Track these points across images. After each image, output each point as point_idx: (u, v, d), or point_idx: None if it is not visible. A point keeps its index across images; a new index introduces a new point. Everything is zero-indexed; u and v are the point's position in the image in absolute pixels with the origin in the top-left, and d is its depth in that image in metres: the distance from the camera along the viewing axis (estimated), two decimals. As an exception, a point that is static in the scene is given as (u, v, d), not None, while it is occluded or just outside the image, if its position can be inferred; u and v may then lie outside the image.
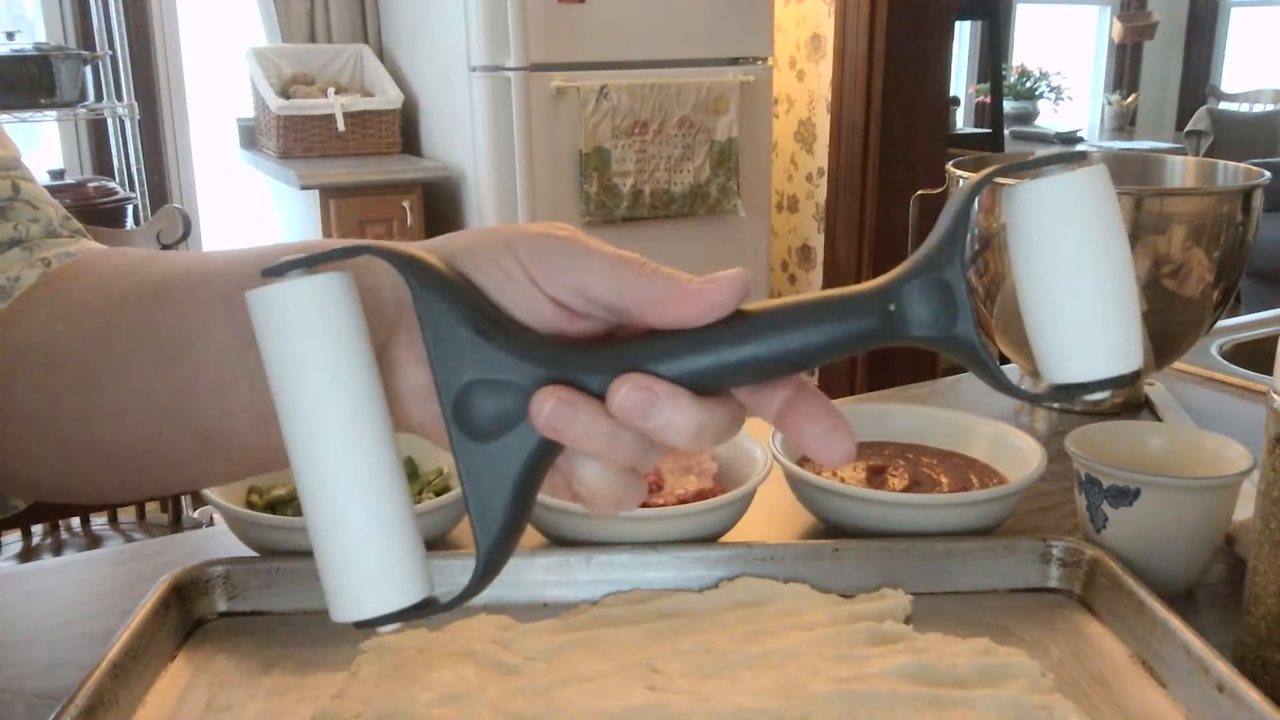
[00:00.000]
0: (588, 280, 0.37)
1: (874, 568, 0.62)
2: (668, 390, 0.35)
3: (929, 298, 0.36)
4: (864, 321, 0.36)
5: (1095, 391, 0.36)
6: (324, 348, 0.34)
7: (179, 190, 3.12)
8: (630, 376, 0.36)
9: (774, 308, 0.37)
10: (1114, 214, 0.36)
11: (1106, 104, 6.03)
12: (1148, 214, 0.86)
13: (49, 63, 2.44)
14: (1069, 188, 0.35)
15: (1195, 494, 0.62)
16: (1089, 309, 0.35)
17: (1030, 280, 0.36)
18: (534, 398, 0.36)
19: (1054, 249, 0.35)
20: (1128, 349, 0.36)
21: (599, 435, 0.36)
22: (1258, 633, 0.54)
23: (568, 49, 2.44)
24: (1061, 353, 0.36)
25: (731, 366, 0.36)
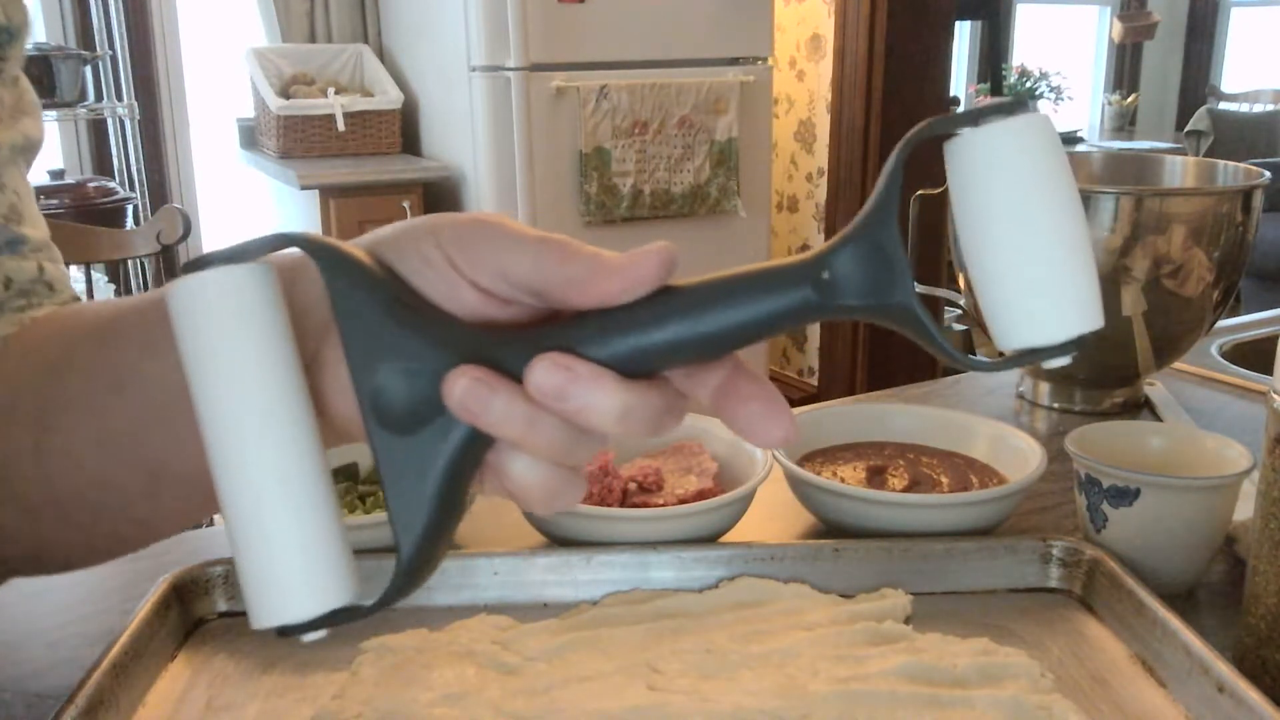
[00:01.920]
0: (509, 264, 0.36)
1: (874, 568, 0.62)
2: (589, 370, 0.34)
3: (864, 264, 0.34)
4: (798, 292, 0.34)
5: (1054, 356, 0.33)
6: (240, 338, 0.33)
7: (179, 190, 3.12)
8: (548, 355, 0.34)
9: (703, 283, 0.34)
10: (1059, 163, 0.33)
11: (1106, 104, 6.03)
12: (1148, 214, 0.86)
13: (49, 63, 2.44)
14: (1007, 136, 0.33)
15: (1195, 494, 0.62)
16: (1038, 266, 0.33)
17: (974, 239, 0.34)
18: (447, 378, 0.34)
19: (996, 203, 0.33)
20: (1082, 309, 0.33)
21: (517, 418, 0.34)
22: (1258, 633, 0.54)
23: (568, 49, 2.44)
24: (1013, 316, 0.33)
25: (660, 346, 0.34)
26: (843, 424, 0.79)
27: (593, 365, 0.34)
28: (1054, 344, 0.33)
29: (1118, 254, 0.86)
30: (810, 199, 3.21)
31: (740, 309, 0.34)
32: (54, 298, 0.56)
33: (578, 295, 0.35)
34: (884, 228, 0.34)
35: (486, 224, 0.37)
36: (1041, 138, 0.33)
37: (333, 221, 2.52)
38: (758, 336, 0.35)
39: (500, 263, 0.36)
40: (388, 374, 0.34)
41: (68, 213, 2.43)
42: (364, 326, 0.35)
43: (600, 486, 0.67)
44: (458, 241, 0.36)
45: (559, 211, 2.49)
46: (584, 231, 2.52)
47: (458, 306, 0.36)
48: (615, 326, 0.34)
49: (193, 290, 0.33)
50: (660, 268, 0.34)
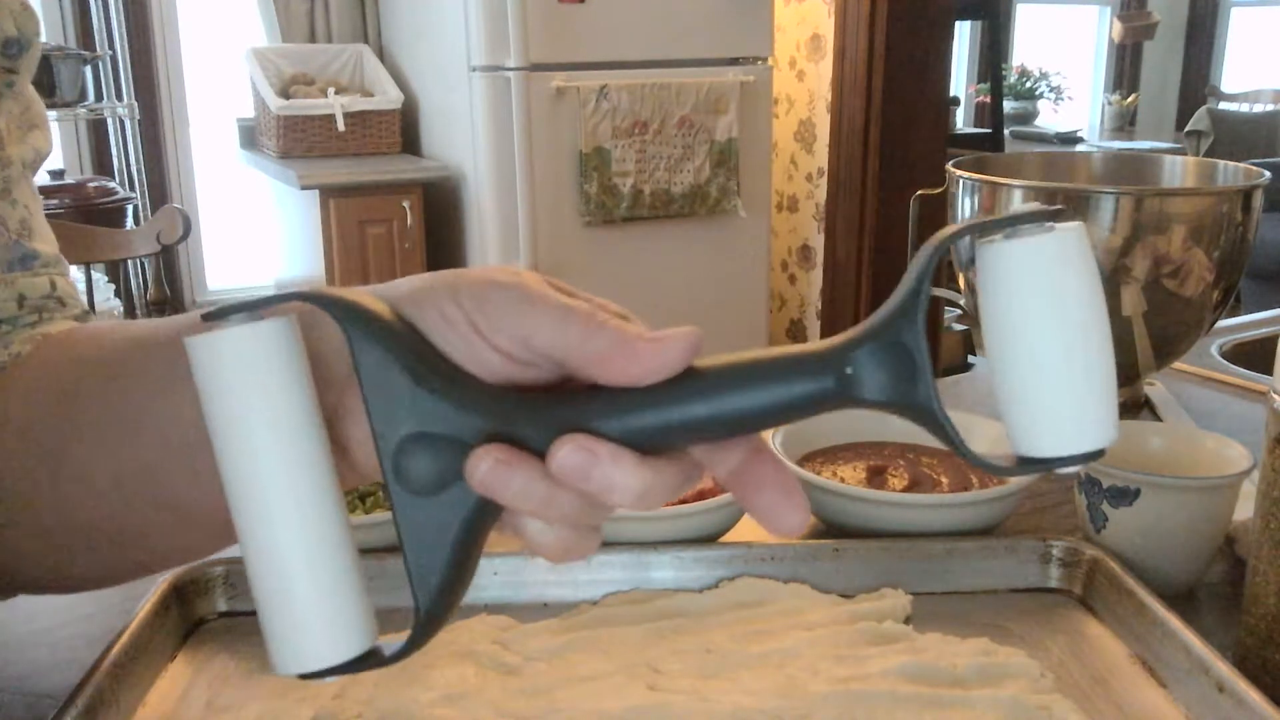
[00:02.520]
0: (531, 331, 0.35)
1: (874, 568, 0.62)
2: (610, 451, 0.34)
3: (887, 362, 0.34)
4: (819, 384, 0.34)
5: (1063, 467, 0.34)
6: (263, 395, 0.33)
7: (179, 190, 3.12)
8: (571, 437, 0.34)
9: (726, 365, 0.35)
10: (1090, 278, 0.33)
11: (1106, 104, 6.03)
12: (1148, 214, 0.86)
13: (49, 63, 2.44)
14: (1041, 251, 0.33)
15: (1195, 494, 0.62)
16: (1060, 382, 0.33)
17: (1000, 346, 0.34)
18: (470, 456, 0.34)
19: (1025, 316, 0.33)
20: (1100, 424, 0.33)
21: (536, 497, 0.34)
22: (1258, 633, 0.54)
23: (568, 49, 2.44)
24: (1030, 425, 0.34)
25: (680, 426, 0.35)
26: (843, 424, 0.79)
27: (614, 447, 0.34)
28: (1073, 455, 0.33)
29: (1118, 254, 0.86)
30: (810, 199, 3.21)
31: (761, 394, 0.34)
32: (65, 312, 0.56)
33: (600, 372, 0.35)
34: (910, 327, 0.34)
35: (506, 286, 0.36)
36: (1075, 252, 0.33)
37: (333, 221, 2.52)
38: (776, 421, 0.35)
39: (522, 328, 0.36)
40: (411, 437, 0.35)
41: (68, 213, 2.43)
42: (387, 386, 0.35)
43: (600, 486, 0.67)
44: (478, 303, 0.36)
45: (559, 211, 2.49)
46: (584, 231, 2.52)
47: (480, 367, 0.36)
48: (637, 405, 0.35)
49: (214, 348, 0.33)
50: (686, 353, 0.34)
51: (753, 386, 0.34)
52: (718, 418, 0.34)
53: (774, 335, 3.23)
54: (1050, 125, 5.69)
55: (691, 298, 2.65)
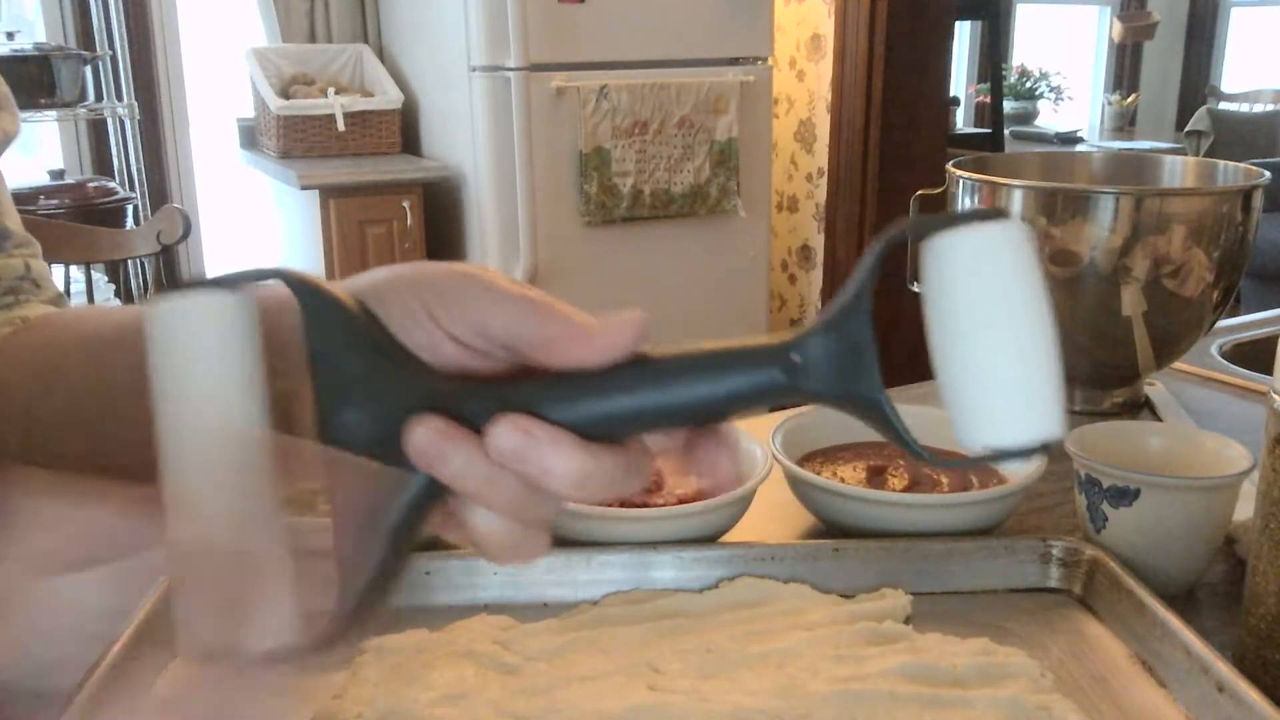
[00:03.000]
0: (487, 319, 0.36)
1: (874, 568, 0.62)
2: (549, 434, 0.34)
3: (835, 354, 0.34)
4: (766, 374, 0.34)
5: (1009, 459, 0.34)
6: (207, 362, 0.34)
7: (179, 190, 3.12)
8: (510, 417, 0.34)
9: (676, 354, 0.35)
10: (1027, 272, 0.34)
11: (1106, 104, 6.03)
12: (1148, 214, 0.86)
13: (49, 63, 2.44)
14: (976, 243, 0.33)
15: (1195, 494, 0.62)
16: (996, 371, 0.33)
17: (939, 339, 0.34)
18: (408, 425, 0.34)
19: (967, 306, 0.33)
20: (1039, 416, 0.33)
21: (476, 475, 0.34)
22: (1258, 633, 0.54)
23: (568, 49, 2.44)
24: (977, 417, 0.34)
25: (624, 414, 0.34)
26: (843, 424, 0.79)
27: (553, 429, 0.34)
28: (1014, 447, 0.33)
29: (1118, 254, 0.86)
30: (810, 199, 3.21)
31: (708, 384, 0.34)
32: (40, 294, 0.56)
33: (550, 356, 0.35)
34: (858, 320, 0.34)
35: (469, 277, 0.37)
36: (1011, 246, 0.34)
37: (333, 221, 2.52)
38: (724, 413, 0.35)
39: (479, 318, 0.36)
40: (352, 412, 0.35)
41: (68, 213, 2.43)
42: (334, 362, 0.35)
43: (600, 486, 0.67)
44: (439, 294, 0.37)
45: (559, 211, 2.49)
46: (584, 231, 2.52)
47: (435, 358, 0.37)
48: (583, 390, 0.35)
49: (169, 312, 0.34)
50: (633, 337, 0.35)
51: (701, 376, 0.34)
52: (664, 407, 0.34)
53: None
54: (1050, 125, 5.69)
55: (691, 298, 2.64)
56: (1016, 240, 0.34)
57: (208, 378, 0.34)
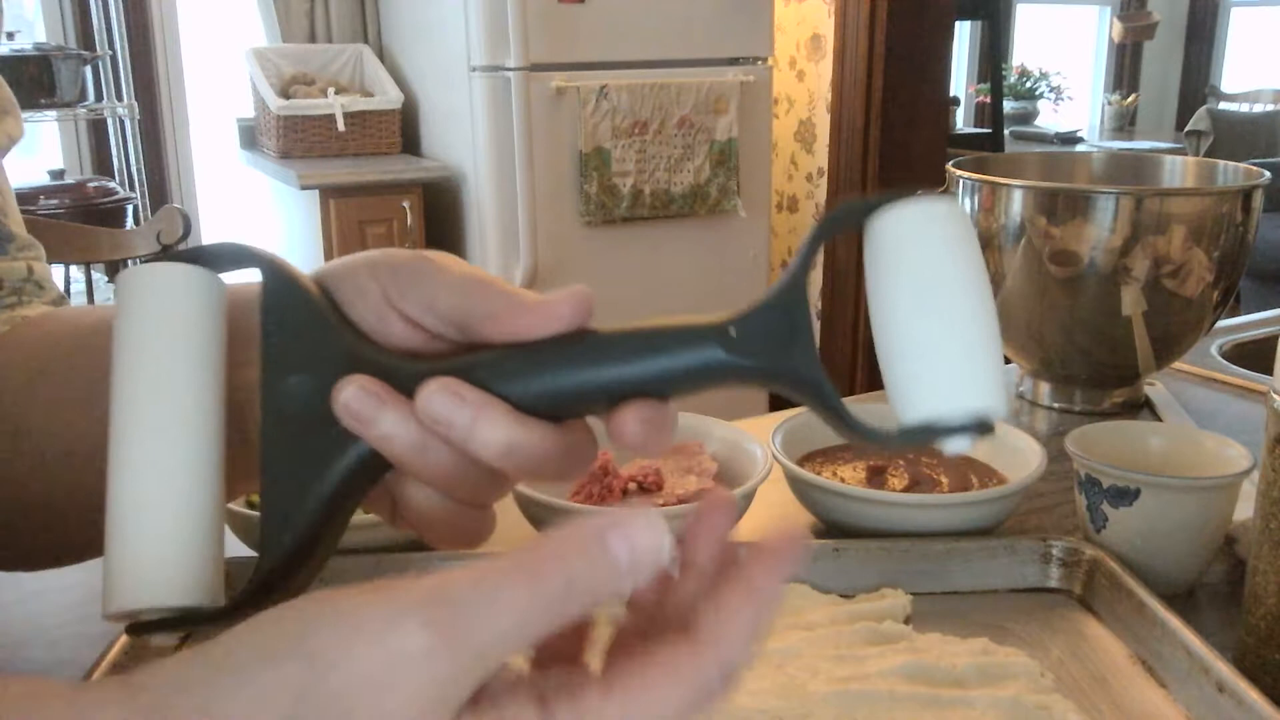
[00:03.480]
0: (435, 296, 0.37)
1: (874, 568, 0.62)
2: (478, 398, 0.34)
3: (772, 330, 0.35)
4: (705, 351, 0.34)
5: (949, 435, 0.33)
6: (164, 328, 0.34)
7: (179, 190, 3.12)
8: (440, 379, 0.34)
9: (617, 331, 0.35)
10: (967, 247, 0.34)
11: (1106, 104, 6.03)
12: (1148, 214, 0.86)
13: (49, 63, 2.44)
14: (911, 217, 0.34)
15: (1195, 494, 0.62)
16: (935, 343, 0.33)
17: (878, 315, 0.34)
18: (339, 383, 0.34)
19: (900, 280, 0.34)
20: (981, 388, 0.33)
21: (405, 439, 0.34)
22: (1258, 633, 0.54)
23: (568, 49, 2.44)
24: (908, 390, 0.33)
25: (562, 388, 0.35)
26: (843, 424, 0.79)
27: (483, 394, 0.34)
28: (950, 422, 0.33)
29: (1118, 254, 0.86)
30: (810, 199, 3.21)
31: (647, 361, 0.34)
32: (43, 296, 0.56)
33: (493, 328, 0.36)
34: (794, 299, 0.35)
35: (424, 260, 0.38)
36: (952, 221, 0.34)
37: (333, 221, 2.52)
38: (664, 390, 0.35)
39: (428, 296, 0.37)
40: (295, 379, 0.35)
41: (68, 213, 2.43)
42: (283, 332, 0.36)
43: (600, 486, 0.67)
44: (392, 274, 0.37)
45: (559, 211, 2.49)
46: (584, 231, 2.52)
47: (387, 337, 0.37)
48: (518, 363, 0.35)
49: (138, 278, 0.35)
50: (572, 309, 0.35)
51: (641, 352, 0.35)
52: (602, 382, 0.35)
53: (774, 335, 3.22)
54: (1050, 125, 5.69)
55: (691, 298, 2.64)
56: (953, 216, 0.34)
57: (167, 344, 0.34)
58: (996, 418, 0.33)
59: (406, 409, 0.34)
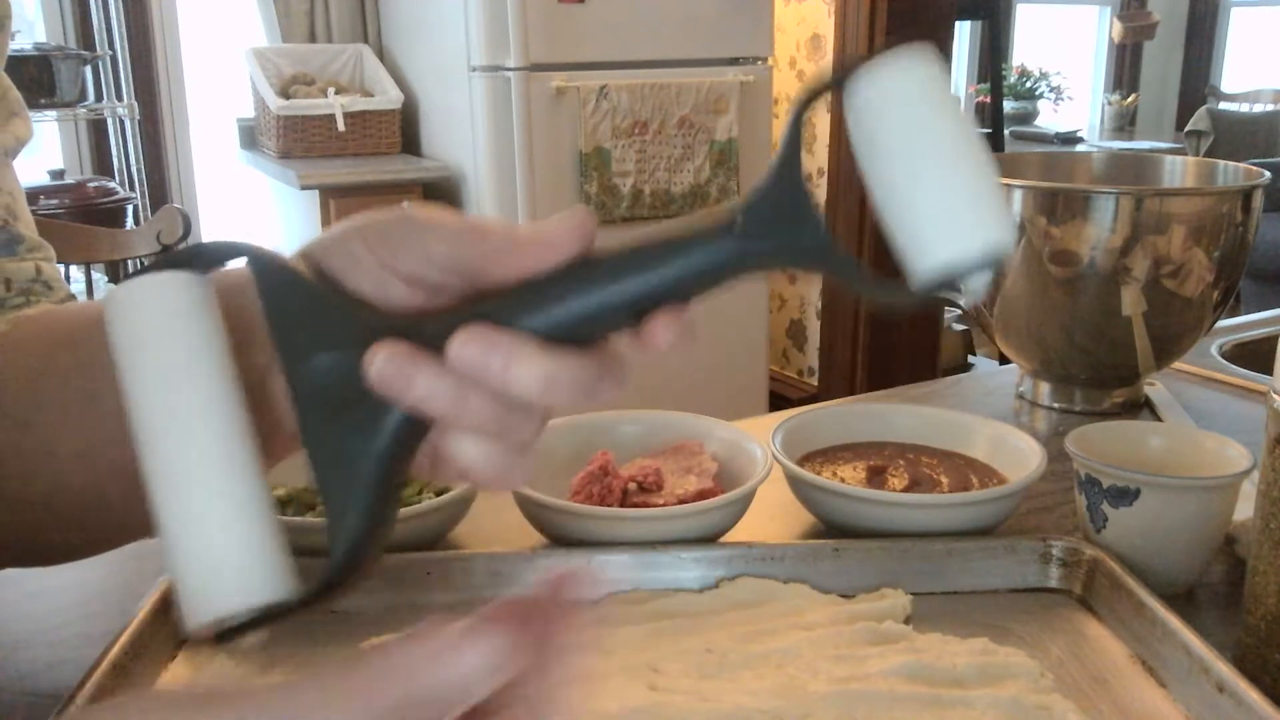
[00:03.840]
0: (430, 250, 0.36)
1: (874, 568, 0.62)
2: (509, 339, 0.34)
3: (777, 211, 0.34)
4: (716, 246, 0.34)
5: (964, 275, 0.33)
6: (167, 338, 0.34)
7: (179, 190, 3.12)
8: (467, 327, 0.34)
9: (621, 249, 0.35)
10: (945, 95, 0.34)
11: (1106, 104, 6.03)
12: (1148, 214, 0.86)
13: (49, 63, 2.44)
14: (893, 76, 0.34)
15: (1195, 494, 0.62)
16: (935, 189, 0.33)
17: (875, 176, 0.34)
18: (367, 354, 0.34)
19: (889, 137, 0.34)
20: (986, 223, 0.33)
21: (444, 394, 0.34)
22: (1258, 633, 0.54)
23: (568, 49, 2.43)
24: (919, 243, 0.33)
25: (584, 312, 0.34)
26: (843, 424, 0.79)
27: (512, 333, 0.34)
28: (967, 261, 0.32)
29: (1118, 254, 0.86)
30: (810, 199, 3.21)
31: (663, 269, 0.34)
32: (51, 296, 0.56)
33: (497, 268, 0.35)
34: (792, 175, 0.35)
35: (411, 217, 0.37)
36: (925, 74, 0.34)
37: (333, 221, 2.52)
38: (682, 295, 0.35)
39: (424, 251, 0.36)
40: (317, 362, 0.35)
41: (68, 213, 2.43)
42: (291, 319, 0.35)
43: (600, 486, 0.67)
44: (381, 236, 0.37)
45: (559, 211, 2.47)
46: (584, 231, 2.52)
47: (388, 299, 0.37)
48: (536, 296, 0.35)
49: (126, 296, 0.34)
50: (574, 234, 0.35)
51: (652, 264, 0.34)
52: (620, 299, 0.34)
53: (774, 335, 3.22)
54: (1050, 125, 5.69)
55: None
56: (927, 68, 0.34)
57: (172, 356, 0.34)
58: (1007, 247, 0.33)
59: (439, 364, 0.34)
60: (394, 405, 0.34)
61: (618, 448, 0.72)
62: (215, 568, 0.33)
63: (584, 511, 0.64)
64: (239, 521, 0.33)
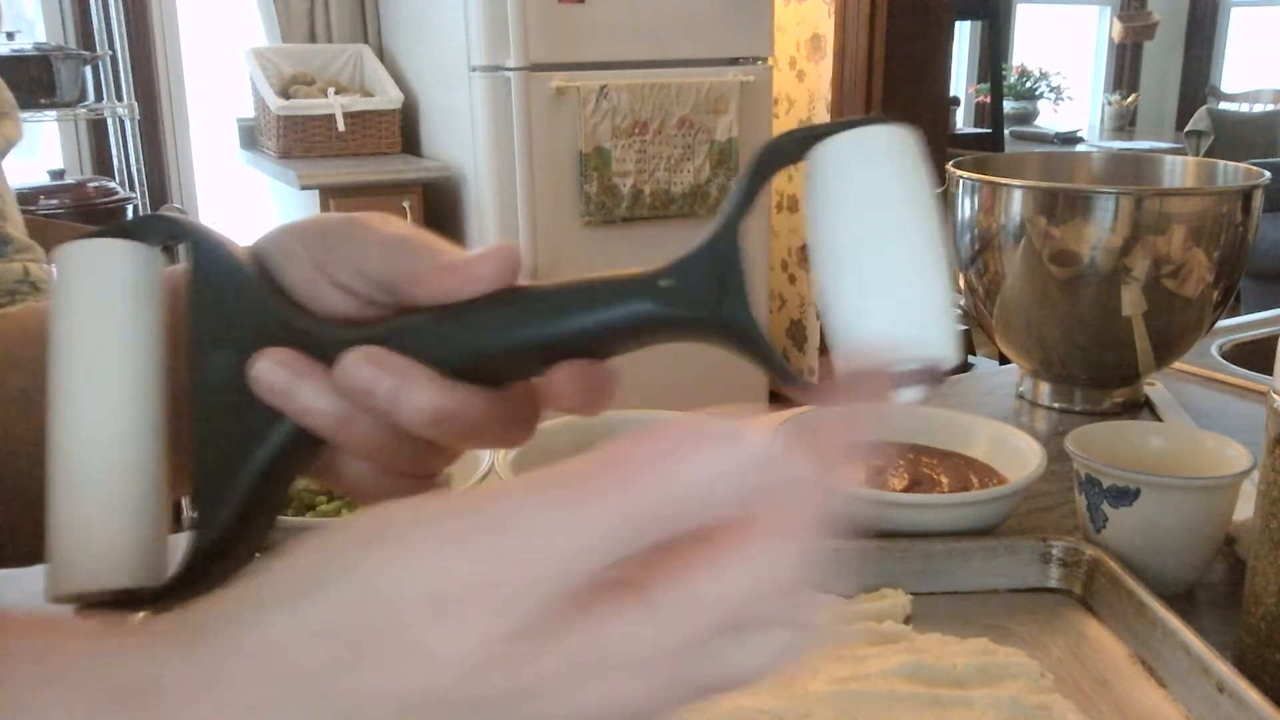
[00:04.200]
0: (362, 259, 0.35)
1: (874, 568, 0.62)
2: (400, 365, 0.32)
3: (704, 278, 0.32)
4: (634, 303, 0.32)
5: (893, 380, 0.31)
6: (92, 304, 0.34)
7: (179, 190, 3.12)
8: (359, 348, 0.33)
9: (547, 289, 0.33)
10: (915, 176, 0.32)
11: (1106, 104, 6.03)
12: (1148, 214, 0.86)
13: (49, 63, 2.44)
14: (851, 143, 0.32)
15: (1195, 494, 0.62)
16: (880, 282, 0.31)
17: (818, 251, 0.32)
18: (254, 356, 0.33)
19: (840, 213, 0.32)
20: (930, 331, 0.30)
21: (328, 411, 0.33)
22: (1258, 633, 0.54)
23: (568, 49, 2.44)
24: (851, 332, 0.31)
25: (491, 348, 0.33)
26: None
27: (405, 360, 0.33)
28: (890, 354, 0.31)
29: (1118, 254, 0.86)
30: (810, 199, 3.21)
31: (575, 317, 0.33)
32: (39, 296, 0.57)
33: (419, 289, 0.34)
34: (726, 243, 0.33)
35: (355, 222, 0.36)
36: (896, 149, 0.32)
37: (333, 221, 2.52)
38: (595, 347, 0.33)
39: (357, 259, 0.35)
40: (221, 352, 0.34)
41: (68, 213, 2.43)
42: (206, 305, 0.34)
43: (600, 486, 0.67)
44: (321, 238, 0.36)
45: (559, 211, 2.49)
46: (584, 231, 2.52)
47: (318, 304, 0.36)
48: (445, 325, 0.33)
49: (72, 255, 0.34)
50: (496, 268, 0.33)
51: (571, 308, 0.33)
52: (531, 340, 0.33)
53: (774, 335, 3.22)
54: (1050, 125, 5.69)
55: (691, 298, 2.64)
56: (901, 144, 0.32)
57: (100, 320, 0.33)
58: (946, 365, 0.31)
59: (326, 380, 0.33)
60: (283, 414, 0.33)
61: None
62: (85, 542, 0.32)
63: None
64: (120, 501, 0.33)
